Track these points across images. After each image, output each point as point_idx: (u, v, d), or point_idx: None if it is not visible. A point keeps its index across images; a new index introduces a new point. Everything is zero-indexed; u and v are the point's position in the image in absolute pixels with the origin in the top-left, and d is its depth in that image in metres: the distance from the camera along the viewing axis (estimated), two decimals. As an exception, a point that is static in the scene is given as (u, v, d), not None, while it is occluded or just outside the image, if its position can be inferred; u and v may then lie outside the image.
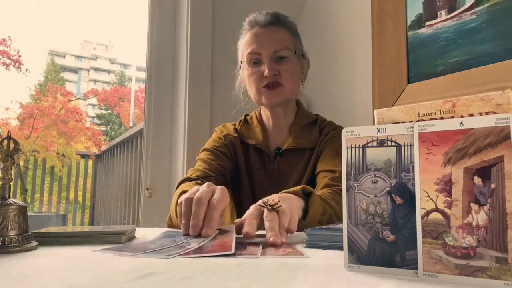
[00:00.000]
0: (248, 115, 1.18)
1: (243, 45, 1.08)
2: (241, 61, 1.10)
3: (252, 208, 0.68)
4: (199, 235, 0.62)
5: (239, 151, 1.10)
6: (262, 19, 1.06)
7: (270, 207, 0.65)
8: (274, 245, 0.59)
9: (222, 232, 0.67)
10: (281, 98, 1.05)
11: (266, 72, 1.02)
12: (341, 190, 0.89)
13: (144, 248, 0.58)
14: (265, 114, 1.14)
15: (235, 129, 1.14)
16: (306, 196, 0.79)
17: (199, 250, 0.54)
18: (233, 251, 0.52)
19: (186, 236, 0.64)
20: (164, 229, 0.86)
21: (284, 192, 0.79)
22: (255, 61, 1.05)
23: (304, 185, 0.81)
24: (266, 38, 1.04)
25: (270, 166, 1.07)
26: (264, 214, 0.65)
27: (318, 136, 1.09)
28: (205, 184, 0.71)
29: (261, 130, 1.12)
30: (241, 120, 1.17)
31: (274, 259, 0.50)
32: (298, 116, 1.12)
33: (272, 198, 0.68)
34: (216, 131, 1.17)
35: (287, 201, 0.72)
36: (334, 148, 1.03)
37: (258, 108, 1.17)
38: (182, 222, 0.65)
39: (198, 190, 0.68)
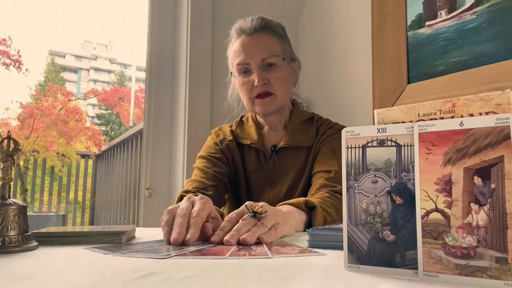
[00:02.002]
0: (244, 116, 1.19)
1: (232, 55, 1.08)
2: (230, 72, 1.10)
3: (236, 211, 0.68)
4: (182, 244, 0.61)
5: (236, 154, 1.10)
6: (248, 26, 1.05)
7: (252, 213, 0.64)
8: (227, 243, 0.59)
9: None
10: (274, 106, 1.05)
11: (256, 82, 1.01)
12: (336, 191, 0.89)
13: (141, 248, 0.58)
14: (260, 119, 1.14)
15: (231, 131, 1.14)
16: (308, 209, 0.80)
17: (196, 253, 0.54)
18: (226, 256, 0.52)
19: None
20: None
21: (287, 203, 0.79)
22: (244, 70, 1.05)
23: (307, 199, 0.81)
24: (253, 47, 1.04)
25: (266, 164, 1.07)
26: (243, 217, 0.64)
27: (315, 135, 1.08)
28: (185, 199, 0.71)
29: (256, 129, 1.12)
30: (237, 121, 1.17)
31: (275, 259, 0.50)
32: (293, 114, 1.12)
33: (261, 205, 0.66)
34: (212, 134, 1.17)
35: (288, 216, 0.72)
36: (331, 147, 1.03)
37: None
38: (165, 230, 0.65)
39: (179, 207, 0.69)
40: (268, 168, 1.07)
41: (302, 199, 0.80)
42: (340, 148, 0.44)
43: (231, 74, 1.10)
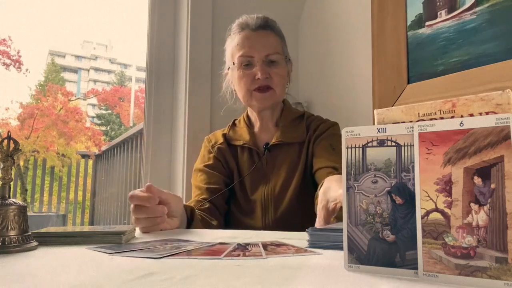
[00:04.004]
0: (236, 119, 1.22)
1: (234, 47, 1.11)
2: (233, 62, 1.12)
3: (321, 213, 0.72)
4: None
5: (228, 156, 1.13)
6: (253, 23, 1.09)
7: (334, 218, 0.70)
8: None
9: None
10: (271, 101, 1.09)
11: (258, 75, 1.05)
12: None
13: (140, 248, 0.58)
14: (253, 115, 1.17)
15: (224, 135, 1.17)
16: None
17: (191, 253, 0.54)
18: (221, 257, 0.52)
19: (185, 241, 0.64)
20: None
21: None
22: (246, 63, 1.08)
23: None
24: (258, 41, 1.08)
25: (259, 162, 1.09)
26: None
27: (305, 131, 1.11)
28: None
29: (248, 130, 1.15)
30: (229, 126, 1.21)
31: (274, 259, 0.50)
32: (284, 112, 1.16)
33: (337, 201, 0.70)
34: (204, 141, 1.21)
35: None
36: (329, 144, 1.05)
37: (245, 111, 1.20)
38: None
39: None
40: (262, 165, 1.08)
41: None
42: (337, 144, 0.44)
43: (234, 64, 1.12)
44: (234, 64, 1.11)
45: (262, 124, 1.15)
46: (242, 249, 0.57)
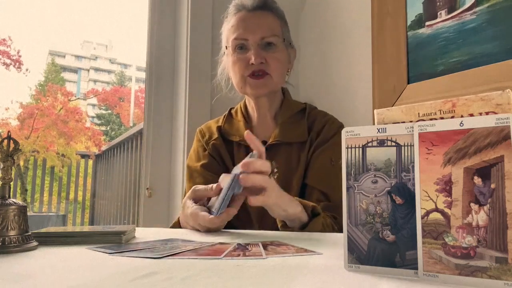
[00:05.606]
0: (233, 108, 1.12)
1: (228, 30, 1.02)
2: (226, 46, 1.04)
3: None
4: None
5: (223, 153, 1.03)
6: (250, 3, 1.00)
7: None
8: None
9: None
10: (267, 88, 1.00)
11: (252, 60, 0.96)
12: (338, 222, 0.87)
13: (140, 248, 0.58)
14: (250, 105, 1.07)
15: (218, 128, 1.07)
16: (313, 215, 0.80)
17: (191, 253, 0.54)
18: (221, 257, 0.51)
19: (185, 241, 0.65)
20: (165, 229, 0.87)
21: (299, 200, 0.81)
22: (240, 46, 0.99)
23: (315, 205, 0.81)
24: (254, 23, 0.98)
25: None
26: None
27: (306, 129, 1.01)
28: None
29: (245, 124, 1.05)
30: (225, 115, 1.10)
31: (274, 259, 0.50)
32: (284, 105, 1.05)
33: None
34: (197, 133, 1.11)
35: (289, 203, 0.75)
36: (329, 157, 0.96)
37: (243, 100, 1.11)
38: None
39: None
40: None
41: (311, 204, 0.80)
42: (338, 157, 0.44)
43: (226, 48, 1.04)
44: (227, 48, 1.02)
45: (259, 115, 1.05)
46: (242, 249, 0.57)
